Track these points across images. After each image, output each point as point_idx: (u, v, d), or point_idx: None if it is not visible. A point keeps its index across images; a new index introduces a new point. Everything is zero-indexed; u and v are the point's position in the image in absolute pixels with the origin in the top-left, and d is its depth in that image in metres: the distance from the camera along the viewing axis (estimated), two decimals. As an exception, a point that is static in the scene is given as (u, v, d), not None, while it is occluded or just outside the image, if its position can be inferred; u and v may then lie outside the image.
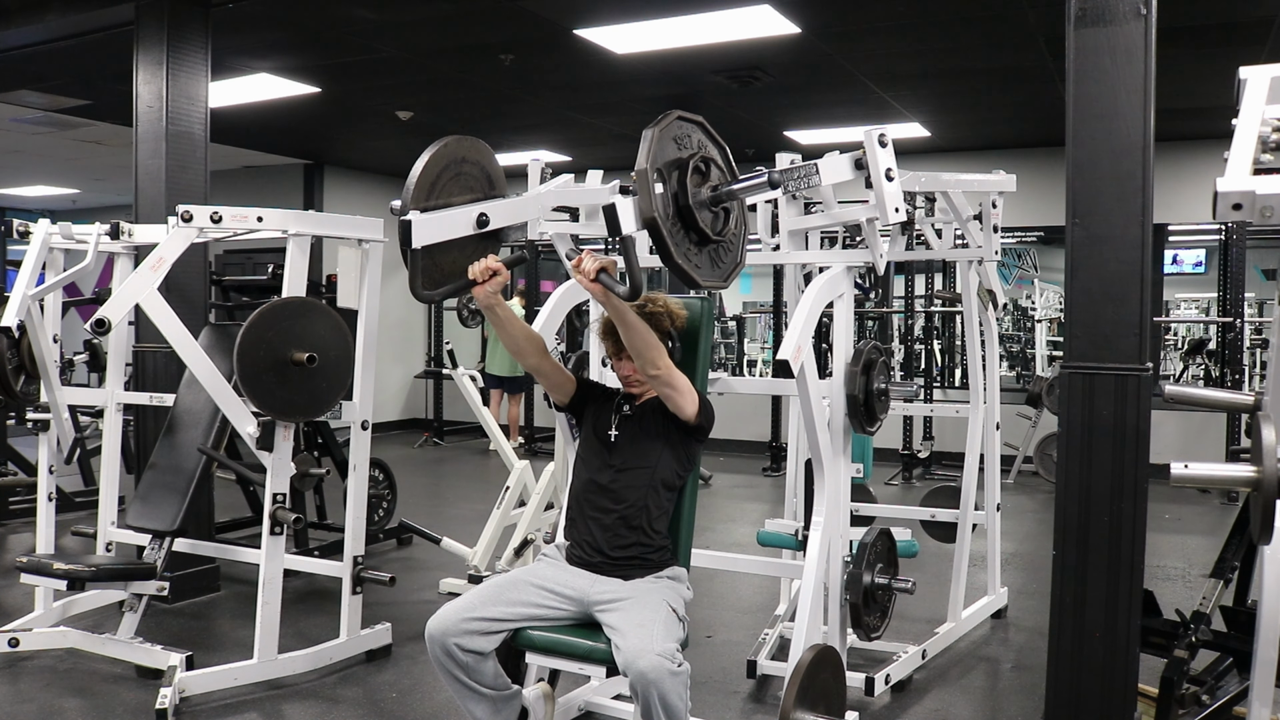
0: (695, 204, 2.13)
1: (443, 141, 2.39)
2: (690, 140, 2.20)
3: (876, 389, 2.93)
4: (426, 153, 2.35)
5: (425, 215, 2.31)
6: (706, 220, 2.17)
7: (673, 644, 2.21)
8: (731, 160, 2.31)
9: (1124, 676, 2.73)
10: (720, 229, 2.22)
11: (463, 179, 2.45)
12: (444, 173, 2.39)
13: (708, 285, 2.25)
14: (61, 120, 7.56)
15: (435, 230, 2.32)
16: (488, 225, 2.40)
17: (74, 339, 6.17)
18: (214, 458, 3.72)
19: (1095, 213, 2.76)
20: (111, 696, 3.29)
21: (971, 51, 5.64)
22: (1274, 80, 2.13)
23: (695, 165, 2.15)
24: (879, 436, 3.38)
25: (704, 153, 2.21)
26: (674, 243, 2.09)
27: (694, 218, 2.12)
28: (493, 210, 2.43)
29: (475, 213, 2.39)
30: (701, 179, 2.17)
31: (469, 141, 2.48)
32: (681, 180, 2.12)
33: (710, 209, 2.19)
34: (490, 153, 2.55)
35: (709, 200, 2.18)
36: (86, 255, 3.81)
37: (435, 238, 2.32)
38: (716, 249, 2.25)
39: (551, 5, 4.92)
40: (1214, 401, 3.01)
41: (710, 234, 2.18)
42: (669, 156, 2.11)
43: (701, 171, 2.17)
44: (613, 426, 2.60)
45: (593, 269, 2.21)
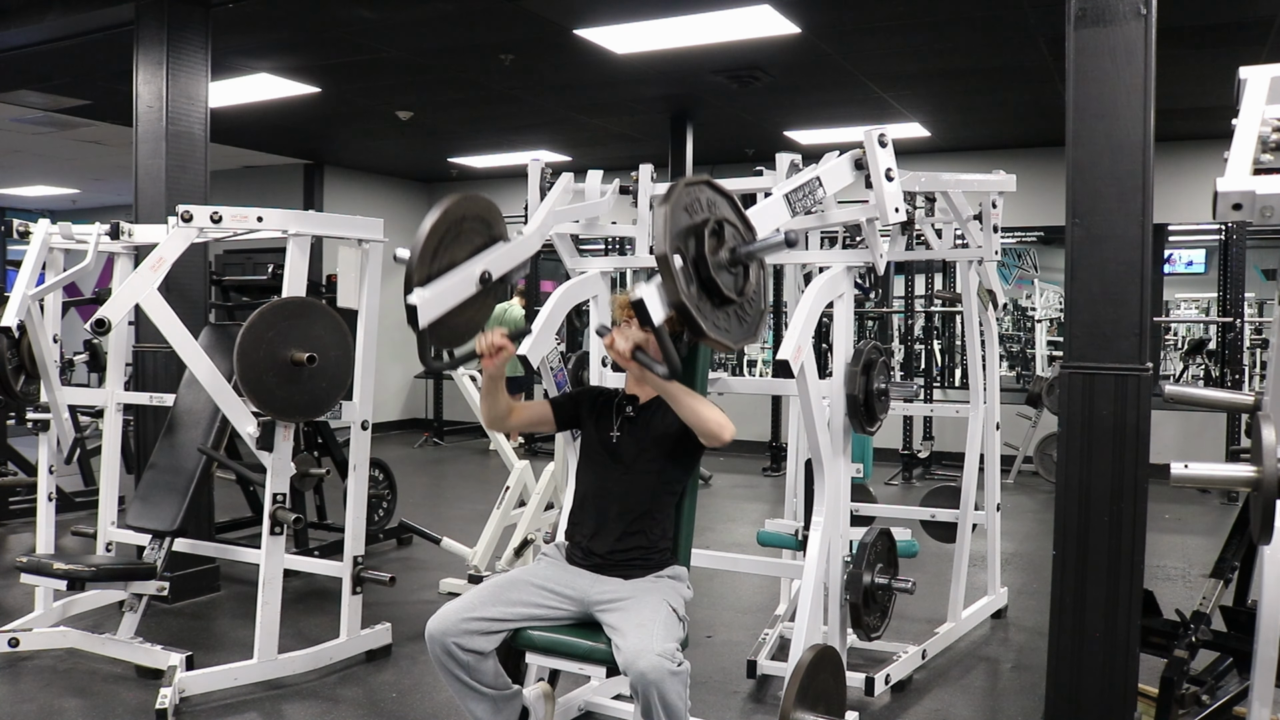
0: (715, 269, 2.12)
1: (443, 207, 2.43)
2: (700, 203, 2.17)
3: (876, 389, 2.93)
4: (427, 223, 2.39)
5: (429, 291, 2.36)
6: (728, 283, 2.15)
7: (673, 644, 2.21)
8: (741, 209, 2.29)
9: (1124, 676, 2.73)
10: (742, 287, 2.21)
11: (463, 235, 2.49)
12: (445, 236, 2.44)
13: (739, 344, 2.24)
14: (61, 120, 7.56)
15: (440, 304, 2.39)
16: (491, 281, 2.48)
17: (74, 339, 6.17)
18: (214, 458, 3.72)
19: (1095, 213, 2.76)
20: (111, 696, 3.29)
21: (971, 51, 5.64)
22: (1274, 80, 2.13)
23: (711, 230, 2.14)
24: (879, 436, 3.38)
25: (716, 214, 2.18)
26: (702, 316, 2.08)
27: (716, 285, 2.11)
28: (493, 263, 2.49)
29: (477, 270, 2.46)
30: (718, 242, 2.15)
31: (468, 200, 2.52)
32: (699, 249, 2.10)
33: (729, 270, 2.18)
34: (487, 203, 2.59)
35: (728, 262, 2.17)
36: (86, 255, 3.81)
37: (441, 310, 2.39)
38: (741, 306, 2.25)
39: (551, 5, 4.93)
40: (1214, 401, 3.01)
41: (734, 296, 2.18)
42: (682, 226, 2.10)
43: (717, 234, 2.16)
44: (614, 428, 2.60)
45: (626, 349, 2.21)
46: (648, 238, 3.29)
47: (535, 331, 2.77)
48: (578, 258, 3.20)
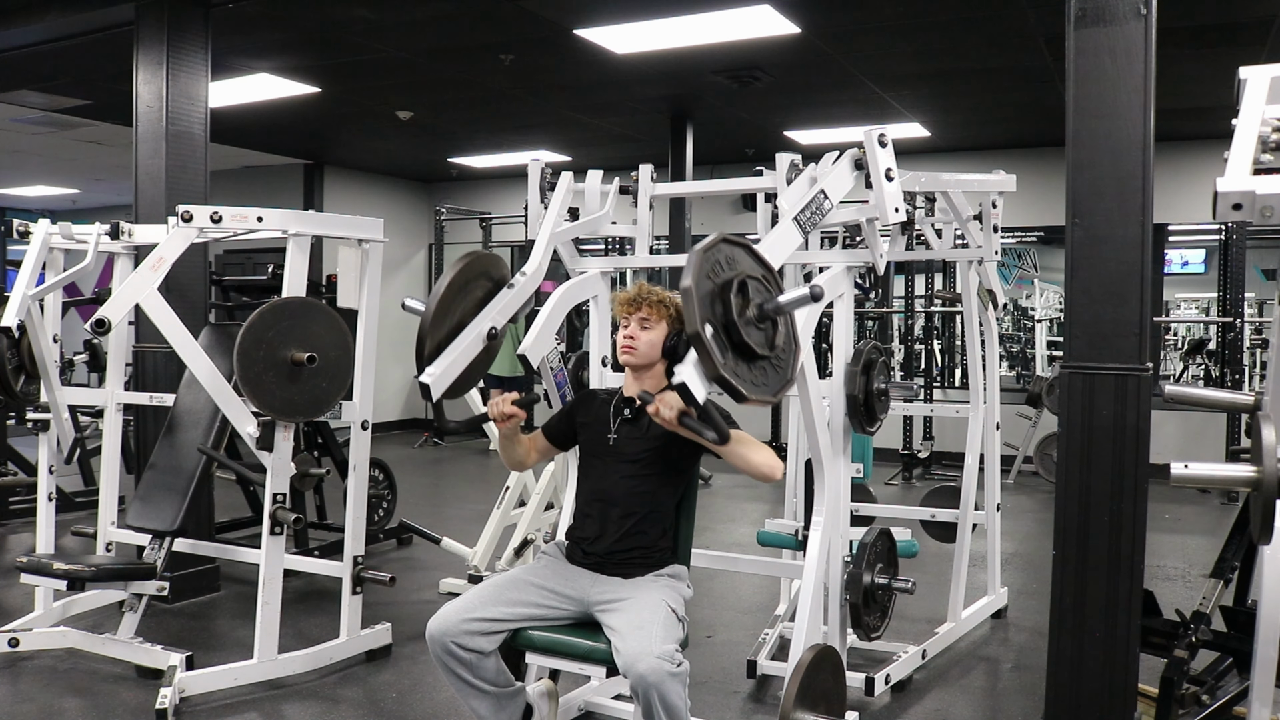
0: (745, 329, 2.12)
1: (447, 277, 2.58)
2: (720, 263, 2.17)
3: (876, 389, 2.93)
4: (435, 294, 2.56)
5: (439, 366, 2.50)
6: (759, 340, 2.16)
7: (672, 645, 2.21)
8: (760, 255, 2.29)
9: (1124, 676, 2.73)
10: (773, 340, 2.21)
11: (468, 293, 2.65)
12: (453, 301, 2.59)
13: (778, 397, 2.25)
14: (61, 120, 7.56)
15: (452, 373, 2.54)
16: (497, 335, 2.63)
17: (74, 339, 6.17)
18: (214, 458, 3.72)
19: (1095, 213, 2.76)
20: (111, 696, 3.29)
21: (971, 51, 5.64)
22: (1274, 80, 2.13)
23: (736, 289, 2.14)
24: (879, 436, 3.39)
25: (738, 270, 2.18)
26: (741, 381, 2.09)
27: (749, 347, 2.12)
28: (499, 315, 2.64)
29: (485, 328, 2.61)
30: (744, 300, 2.15)
31: (471, 263, 2.66)
32: (727, 313, 2.11)
33: (759, 326, 2.18)
34: (488, 259, 2.74)
35: (756, 319, 2.18)
36: (86, 255, 3.81)
37: (453, 378, 2.55)
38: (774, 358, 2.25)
39: (551, 5, 4.92)
40: (1214, 401, 3.01)
41: (766, 352, 2.18)
42: (706, 292, 2.10)
43: (742, 292, 2.16)
44: (611, 429, 2.60)
45: (673, 417, 2.20)
46: (648, 238, 3.29)
47: (535, 332, 2.77)
48: (578, 258, 3.20)
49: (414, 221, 10.98)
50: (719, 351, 2.04)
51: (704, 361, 2.03)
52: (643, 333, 2.57)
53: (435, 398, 2.51)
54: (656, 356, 2.59)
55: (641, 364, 2.59)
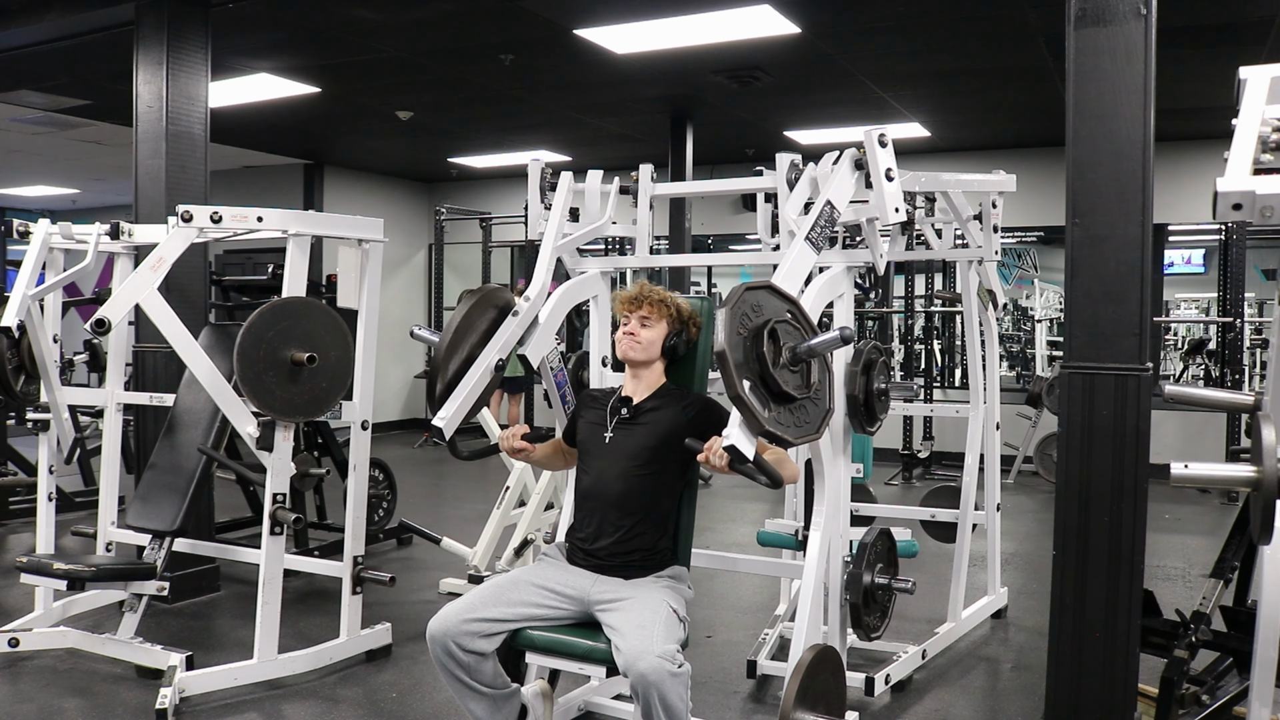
0: (778, 374, 2.14)
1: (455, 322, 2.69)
2: (748, 311, 2.18)
3: (876, 389, 2.93)
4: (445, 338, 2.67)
5: (449, 408, 2.61)
6: (794, 383, 2.18)
7: (673, 645, 2.21)
8: (782, 292, 2.30)
9: (1124, 676, 2.73)
10: (808, 380, 2.23)
11: (474, 328, 2.74)
12: (463, 340, 2.69)
13: (820, 432, 2.28)
14: (61, 120, 7.56)
15: (461, 414, 2.65)
16: (505, 367, 2.71)
17: (74, 339, 6.17)
18: (214, 458, 3.72)
19: (1095, 213, 2.76)
20: (111, 696, 3.29)
21: (971, 51, 5.64)
22: (1274, 80, 2.13)
23: (768, 334, 2.15)
24: (879, 436, 3.38)
25: (766, 317, 2.19)
26: (783, 429, 2.14)
27: (785, 393, 2.15)
28: (505, 346, 2.71)
29: (493, 360, 2.68)
30: (775, 346, 2.17)
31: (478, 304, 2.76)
32: (763, 366, 2.13)
33: (792, 369, 2.20)
34: (493, 293, 2.83)
35: (790, 363, 2.19)
36: (86, 255, 3.81)
37: (463, 417, 2.65)
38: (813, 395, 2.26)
39: (551, 5, 4.93)
40: (1214, 401, 3.01)
41: (800, 395, 2.19)
42: (738, 345, 2.12)
43: (774, 337, 2.17)
44: (609, 428, 2.60)
45: (724, 464, 2.19)
46: (648, 238, 3.29)
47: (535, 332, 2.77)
48: (578, 258, 3.20)
49: (414, 221, 10.98)
50: (760, 406, 2.09)
51: (748, 420, 2.09)
52: (643, 330, 2.59)
53: (447, 439, 2.62)
54: (657, 354, 2.61)
55: (642, 360, 2.60)
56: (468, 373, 2.67)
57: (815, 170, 2.99)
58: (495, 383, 2.76)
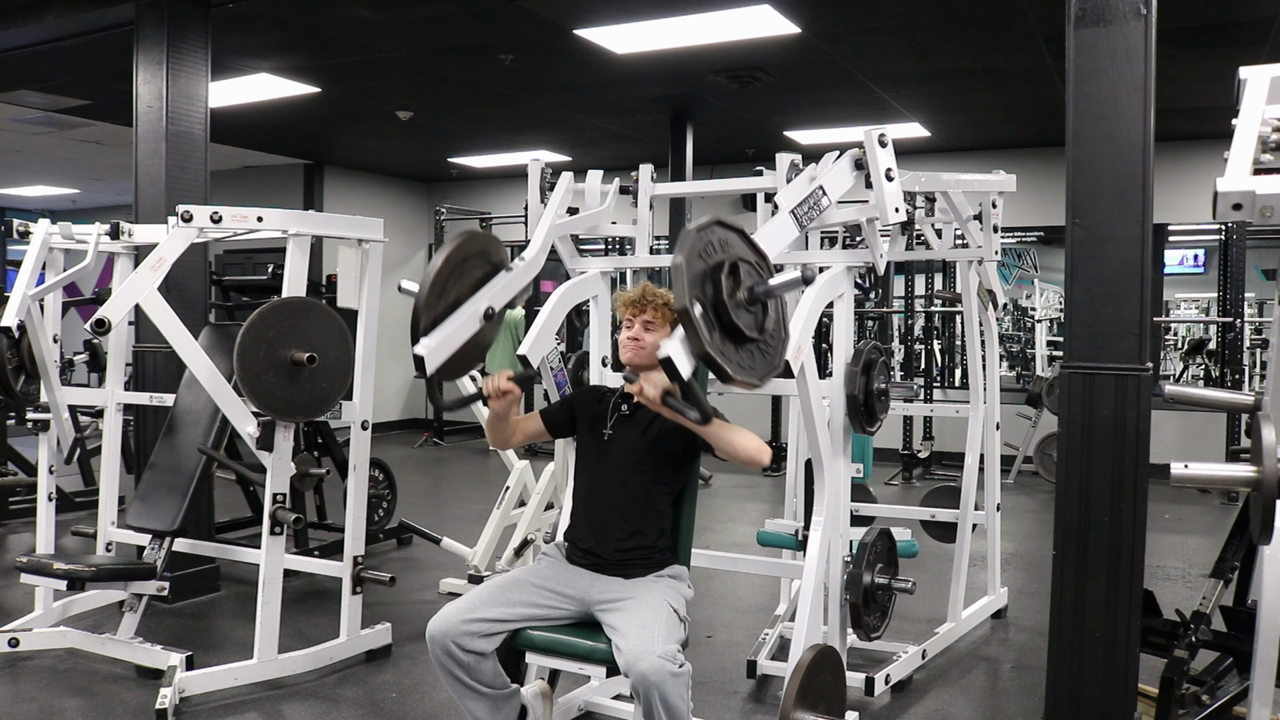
0: (734, 310, 2.11)
1: (445, 253, 2.49)
2: (714, 245, 2.17)
3: (876, 389, 2.93)
4: (431, 269, 2.47)
5: (434, 339, 2.43)
6: (749, 322, 2.15)
7: (674, 645, 2.21)
8: (754, 241, 2.29)
9: (1124, 676, 2.73)
10: (762, 323, 2.21)
11: (466, 273, 2.56)
12: (449, 278, 2.51)
13: (765, 381, 2.23)
14: (61, 120, 7.56)
15: (446, 349, 2.47)
16: (494, 316, 2.57)
17: (74, 339, 6.17)
18: (214, 458, 3.72)
19: (1095, 213, 2.76)
20: (111, 696, 3.29)
21: (971, 51, 5.64)
22: (1274, 80, 2.13)
23: (727, 271, 2.14)
24: (879, 436, 3.38)
25: (730, 253, 2.17)
26: (727, 361, 2.08)
27: (738, 328, 2.11)
28: (496, 296, 2.57)
29: (481, 308, 2.53)
30: (734, 283, 2.15)
31: (470, 240, 2.58)
32: (718, 294, 2.10)
33: (749, 309, 2.18)
34: (486, 239, 2.67)
35: (746, 302, 2.17)
36: (86, 255, 3.81)
37: (447, 353, 2.47)
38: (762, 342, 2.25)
39: (551, 5, 4.92)
40: (1214, 401, 3.01)
41: (755, 335, 2.17)
42: (698, 272, 2.10)
43: (733, 275, 2.16)
44: (608, 426, 2.60)
45: (656, 396, 2.19)
46: (648, 238, 3.29)
47: (535, 332, 2.77)
48: (578, 258, 3.20)
49: (414, 221, 10.98)
50: (706, 329, 2.02)
51: (690, 338, 2.01)
52: (646, 334, 2.58)
53: (429, 371, 2.44)
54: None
55: (645, 365, 2.60)
56: (456, 313, 2.52)
57: (815, 170, 2.99)
58: (485, 338, 2.62)
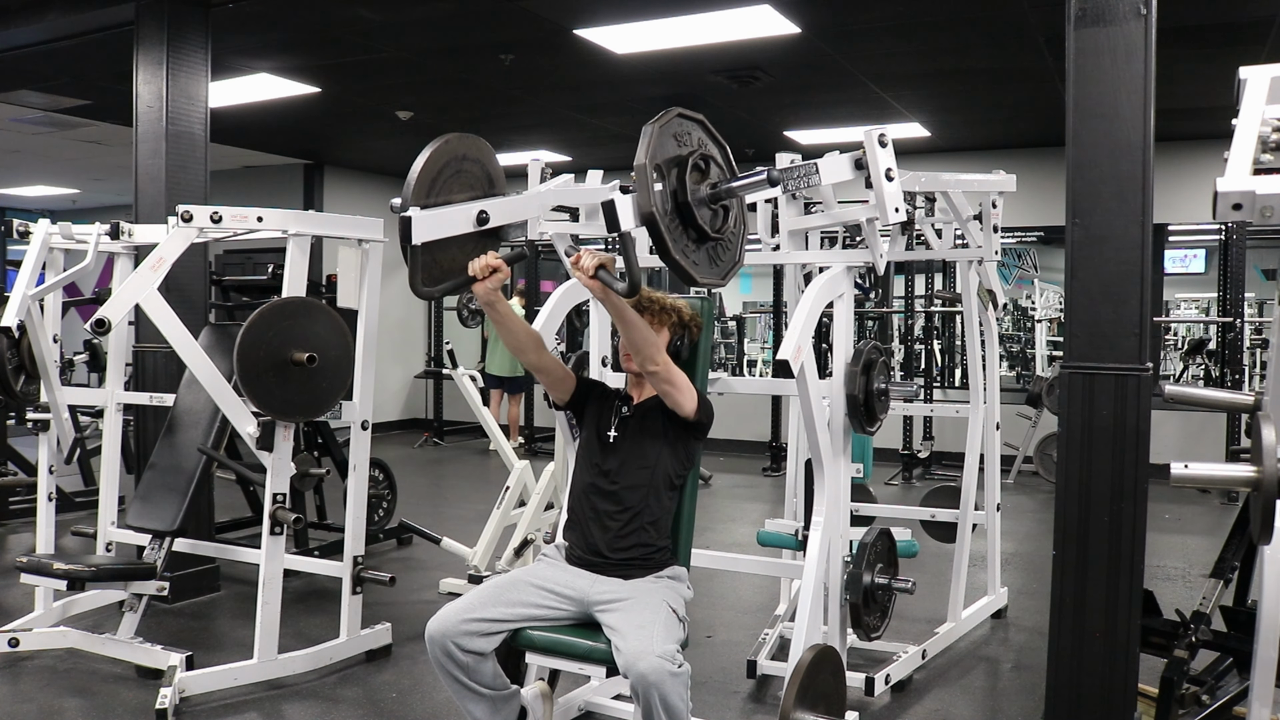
0: (694, 201, 2.11)
1: (444, 139, 2.38)
2: (690, 138, 2.19)
3: (876, 389, 2.93)
4: (428, 149, 2.35)
5: (426, 212, 2.31)
6: (705, 218, 2.15)
7: (673, 645, 2.21)
8: (731, 159, 2.30)
9: (1124, 676, 2.73)
10: (719, 227, 2.20)
11: (463, 176, 2.44)
12: (445, 169, 2.38)
13: (705, 283, 2.23)
14: (61, 120, 7.55)
15: (435, 227, 2.32)
16: (488, 223, 2.40)
17: (74, 339, 6.17)
18: (214, 458, 3.72)
19: (1095, 213, 2.76)
20: (111, 696, 3.29)
21: (971, 51, 5.64)
22: (1274, 80, 2.13)
23: (695, 162, 2.13)
24: (879, 436, 3.38)
25: (704, 150, 2.19)
26: (672, 239, 2.07)
27: (693, 215, 2.10)
28: (493, 208, 2.43)
29: (475, 210, 2.39)
30: (701, 176, 2.15)
31: (470, 139, 2.47)
32: (681, 177, 2.10)
33: (709, 206, 2.17)
34: (491, 151, 2.54)
35: (708, 198, 2.16)
36: (86, 255, 3.81)
37: (435, 234, 2.32)
38: (715, 247, 2.24)
39: (551, 5, 4.92)
40: (1214, 401, 3.01)
41: (709, 232, 2.16)
42: (669, 153, 2.09)
43: (701, 169, 2.15)
44: (612, 427, 2.60)
45: (591, 265, 2.19)
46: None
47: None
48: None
49: (414, 221, 10.96)
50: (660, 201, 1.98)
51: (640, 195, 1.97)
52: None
53: (416, 239, 2.27)
54: None
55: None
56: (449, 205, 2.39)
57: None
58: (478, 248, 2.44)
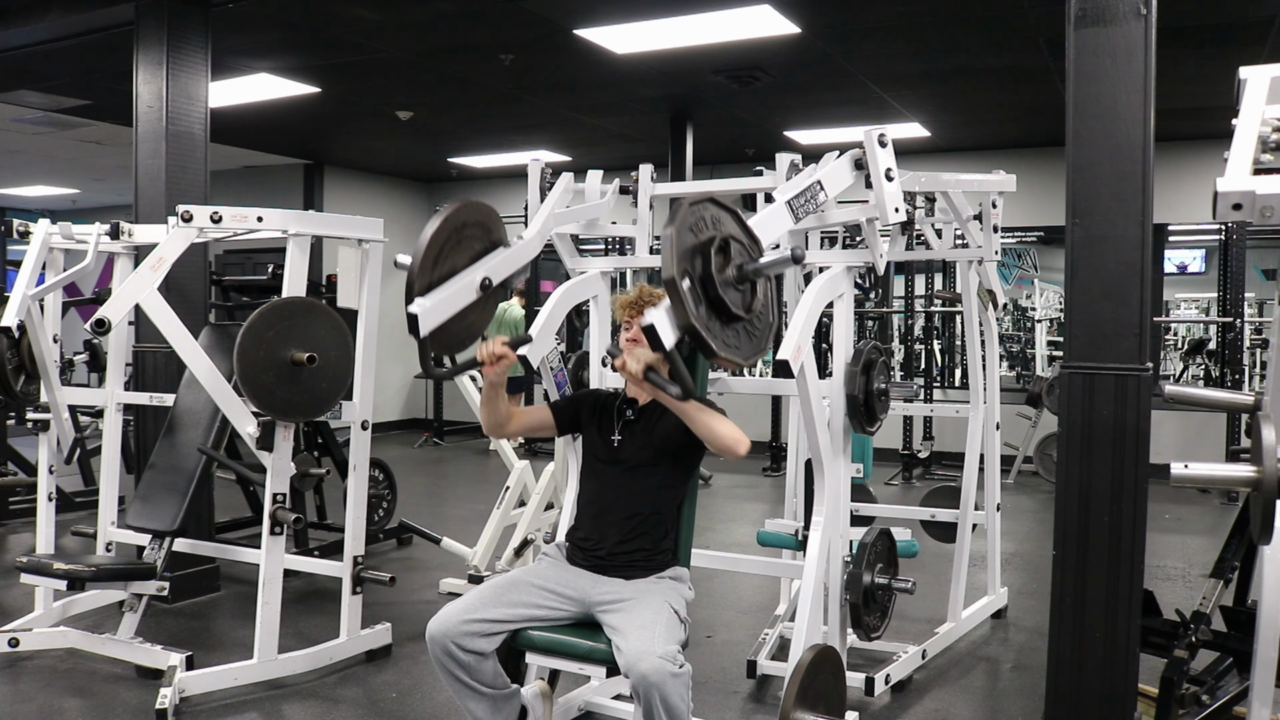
0: (722, 287, 2.10)
1: (443, 215, 2.44)
2: (705, 221, 2.16)
3: (876, 389, 2.93)
4: (428, 231, 2.41)
5: (430, 300, 2.37)
6: (736, 300, 2.14)
7: (674, 645, 2.21)
8: (745, 222, 2.28)
9: (1124, 676, 2.73)
10: (750, 303, 2.20)
11: (464, 242, 2.51)
12: (446, 243, 2.45)
13: (750, 360, 2.23)
14: (61, 120, 7.56)
15: (441, 312, 2.41)
16: (491, 288, 2.51)
17: (74, 339, 6.18)
18: (214, 458, 3.72)
19: (1095, 213, 2.76)
20: (111, 696, 3.29)
21: (971, 51, 5.64)
22: (1274, 80, 2.13)
23: (716, 248, 2.13)
24: (879, 436, 3.38)
25: (722, 231, 2.17)
26: (712, 336, 2.07)
27: (725, 304, 2.10)
28: (494, 269, 2.52)
29: (478, 278, 2.47)
30: (724, 259, 2.14)
31: (468, 207, 2.53)
32: (706, 268, 2.08)
33: (737, 287, 2.17)
34: (487, 209, 2.61)
35: (735, 280, 2.16)
36: (86, 255, 3.81)
37: (442, 318, 2.41)
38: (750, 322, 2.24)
39: (551, 5, 4.92)
40: (1214, 401, 3.01)
41: (742, 313, 2.17)
42: (688, 246, 2.09)
43: (723, 251, 2.15)
44: (615, 431, 2.60)
45: (639, 370, 2.19)
46: (648, 238, 3.29)
47: (535, 332, 2.76)
48: (578, 258, 3.20)
49: (414, 221, 10.97)
50: (693, 302, 2.00)
51: (676, 308, 1.99)
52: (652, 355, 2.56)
53: (423, 331, 2.35)
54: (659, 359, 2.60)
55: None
56: (454, 278, 2.47)
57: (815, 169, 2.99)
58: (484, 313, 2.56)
